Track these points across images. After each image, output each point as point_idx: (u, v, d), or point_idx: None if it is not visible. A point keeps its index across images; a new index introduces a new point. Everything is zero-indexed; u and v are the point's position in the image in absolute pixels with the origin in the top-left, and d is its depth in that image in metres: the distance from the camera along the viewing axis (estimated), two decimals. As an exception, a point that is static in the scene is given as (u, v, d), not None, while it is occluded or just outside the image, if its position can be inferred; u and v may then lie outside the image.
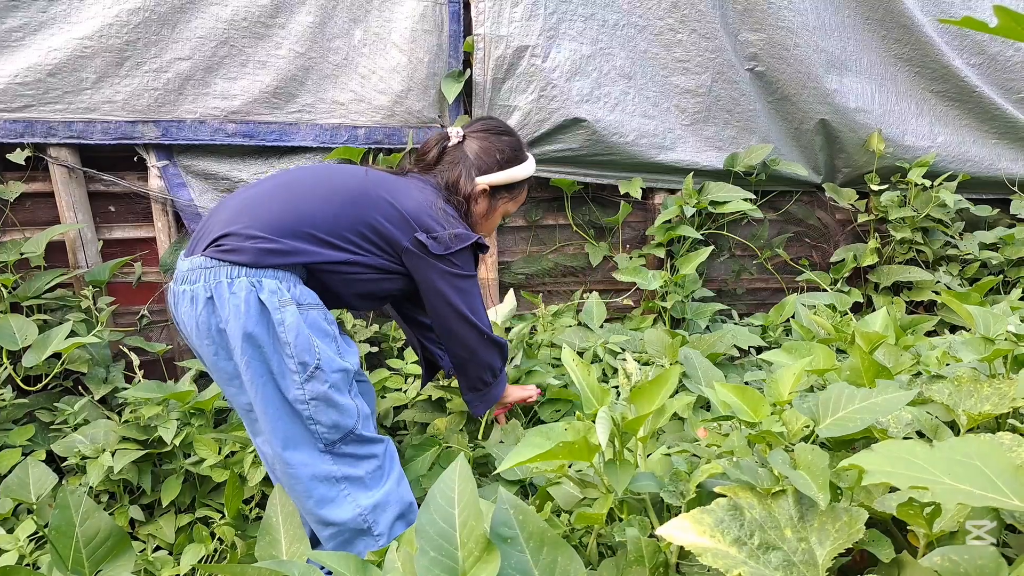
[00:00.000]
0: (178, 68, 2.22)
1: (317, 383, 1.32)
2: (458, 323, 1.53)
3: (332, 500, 1.36)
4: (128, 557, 1.23)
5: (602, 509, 1.19)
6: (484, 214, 1.64)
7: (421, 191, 1.52)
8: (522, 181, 1.66)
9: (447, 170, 1.58)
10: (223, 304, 1.29)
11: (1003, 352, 1.31)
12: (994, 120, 3.27)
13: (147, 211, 2.34)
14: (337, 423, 1.35)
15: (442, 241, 1.47)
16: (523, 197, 1.71)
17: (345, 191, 1.45)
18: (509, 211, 1.70)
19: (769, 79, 2.87)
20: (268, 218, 1.35)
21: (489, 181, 1.59)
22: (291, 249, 1.35)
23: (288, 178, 1.46)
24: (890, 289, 3.14)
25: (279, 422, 1.34)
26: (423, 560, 0.93)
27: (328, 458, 1.37)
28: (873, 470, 0.73)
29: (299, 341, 1.30)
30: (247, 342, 1.29)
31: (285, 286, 1.32)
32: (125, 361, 2.19)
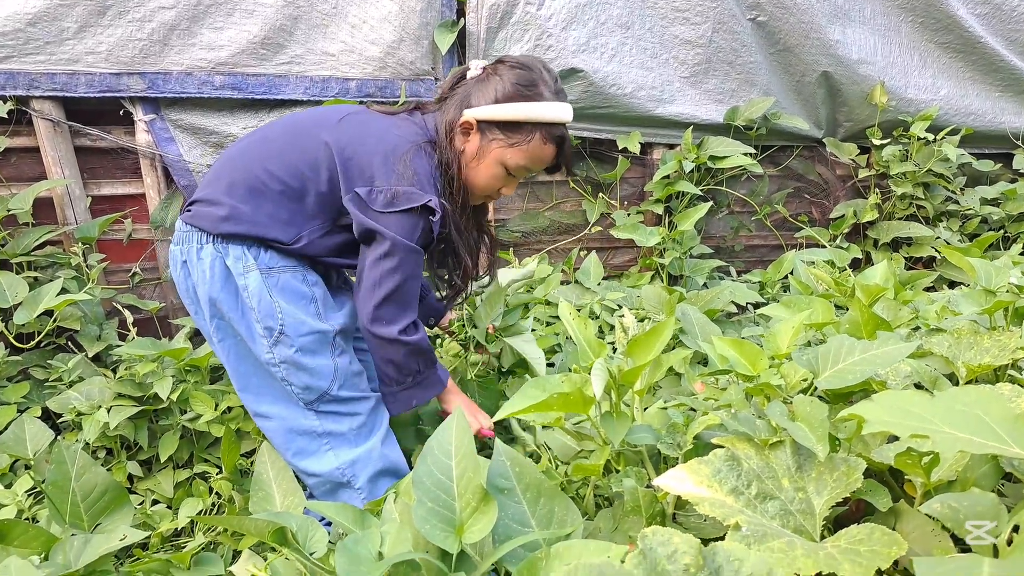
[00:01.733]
0: (162, 17, 2.15)
1: (283, 347, 1.31)
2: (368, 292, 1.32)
3: (313, 453, 1.37)
4: (126, 511, 1.24)
5: (599, 460, 1.19)
6: (474, 155, 1.39)
7: (394, 132, 1.34)
8: (524, 125, 1.35)
9: (449, 107, 1.39)
10: (193, 269, 1.32)
11: (1004, 304, 1.29)
12: (998, 72, 3.20)
13: (135, 167, 2.30)
14: (309, 385, 1.34)
15: (386, 195, 1.27)
16: (532, 150, 1.38)
17: (299, 144, 1.32)
18: (510, 163, 1.38)
19: (771, 29, 2.80)
20: (230, 181, 1.32)
21: (476, 114, 1.35)
22: (240, 216, 1.29)
23: (265, 132, 1.38)
24: (889, 245, 3.13)
25: (253, 378, 1.36)
26: (420, 510, 0.93)
27: (311, 414, 1.36)
28: (873, 420, 0.73)
29: (261, 307, 1.30)
30: (212, 307, 1.32)
31: (253, 252, 1.30)
32: (118, 319, 2.17)
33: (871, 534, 0.76)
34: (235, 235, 1.29)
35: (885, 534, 0.76)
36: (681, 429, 1.20)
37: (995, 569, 0.55)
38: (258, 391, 1.37)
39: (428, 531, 0.90)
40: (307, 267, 1.37)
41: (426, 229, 1.32)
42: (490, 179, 1.41)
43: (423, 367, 1.41)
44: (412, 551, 0.90)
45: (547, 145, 1.38)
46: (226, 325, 1.34)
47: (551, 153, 1.40)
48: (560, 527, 0.96)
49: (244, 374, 1.37)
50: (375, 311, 1.32)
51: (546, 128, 1.36)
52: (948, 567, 0.57)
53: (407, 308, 1.35)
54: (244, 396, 1.38)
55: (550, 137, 1.38)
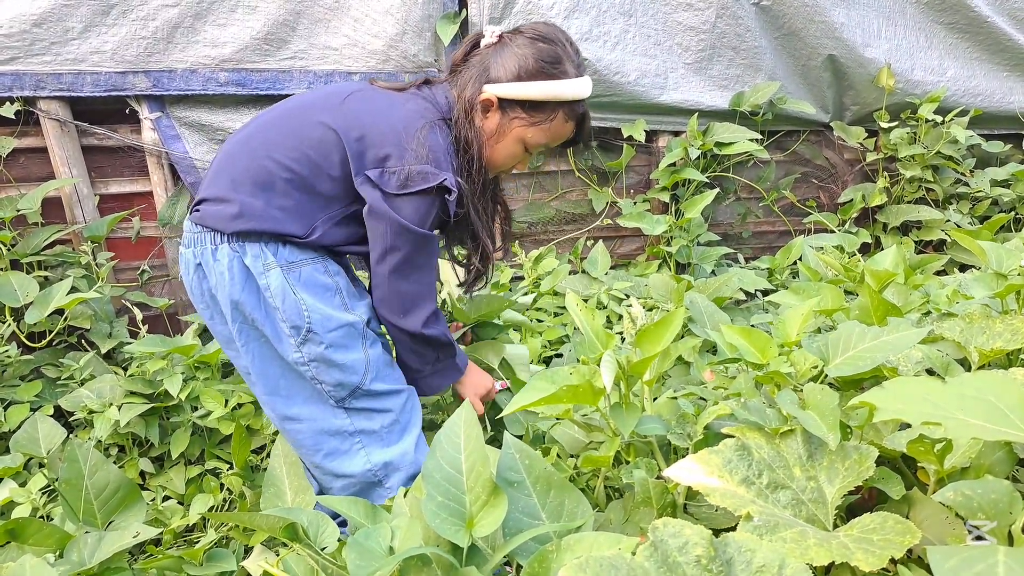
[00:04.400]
0: (166, 15, 2.15)
1: (312, 345, 1.25)
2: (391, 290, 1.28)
3: (345, 452, 1.32)
4: (139, 507, 1.25)
5: (609, 452, 1.19)
6: (493, 133, 1.33)
7: (406, 108, 1.27)
8: (547, 104, 1.31)
9: (464, 78, 1.32)
10: (210, 272, 1.25)
11: (1016, 287, 1.28)
12: (1005, 52, 3.16)
13: (142, 165, 2.30)
14: (341, 381, 1.29)
15: (399, 175, 1.21)
16: (554, 128, 1.35)
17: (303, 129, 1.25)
18: (531, 141, 1.34)
19: (775, 13, 2.77)
20: (233, 176, 1.25)
21: (497, 91, 1.29)
22: (252, 212, 1.22)
23: (264, 120, 1.30)
24: (899, 229, 3.10)
25: (282, 380, 1.30)
26: (430, 505, 0.93)
27: (341, 412, 1.31)
28: (885, 407, 0.72)
29: (286, 305, 1.24)
30: (236, 310, 1.25)
31: (271, 249, 1.23)
32: (128, 316, 2.18)
33: (884, 523, 0.76)
34: (250, 232, 1.22)
35: (898, 523, 0.75)
36: (691, 419, 1.20)
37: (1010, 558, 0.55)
38: (288, 393, 1.30)
39: (439, 525, 0.90)
40: (327, 257, 1.31)
41: (440, 210, 1.27)
42: (508, 157, 1.37)
43: (443, 356, 1.39)
44: (423, 545, 0.90)
45: (568, 123, 1.36)
46: (249, 328, 1.27)
47: (571, 130, 1.38)
48: (570, 519, 0.96)
49: (272, 376, 1.30)
50: (393, 303, 1.28)
51: (569, 106, 1.33)
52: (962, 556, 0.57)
53: (426, 298, 1.30)
54: (273, 400, 1.31)
55: (572, 114, 1.35)
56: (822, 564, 0.70)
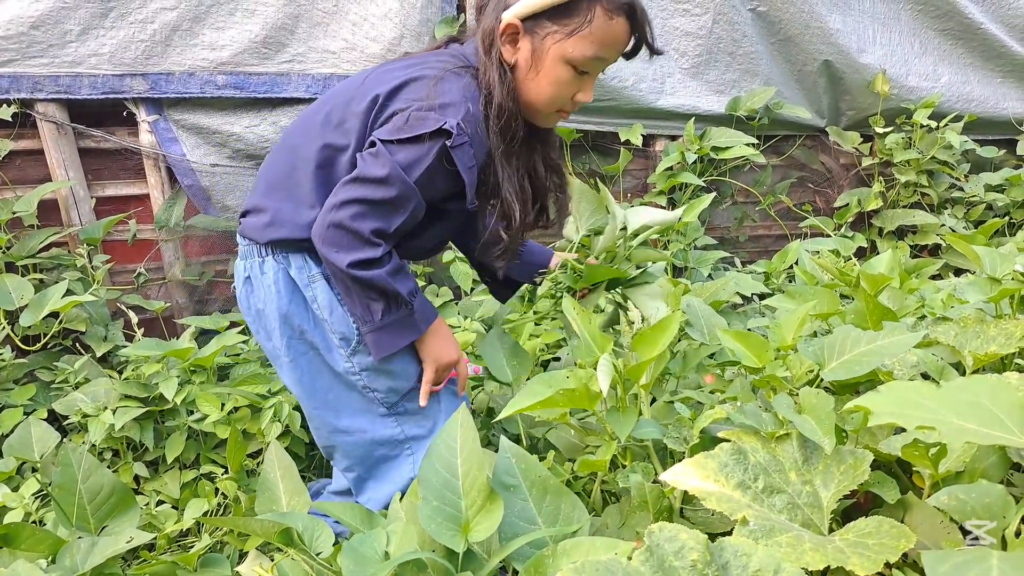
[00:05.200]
0: (164, 18, 2.15)
1: (363, 355, 1.22)
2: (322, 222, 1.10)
3: (394, 459, 1.30)
4: (133, 512, 1.24)
5: (605, 456, 1.19)
6: (529, 65, 1.14)
7: (422, 64, 1.16)
8: (578, 4, 1.09)
9: (484, 19, 1.17)
10: (258, 285, 1.23)
11: (1010, 292, 1.29)
12: (999, 58, 3.18)
13: (139, 167, 2.30)
14: (392, 387, 1.25)
15: (402, 116, 1.09)
16: (597, 31, 1.11)
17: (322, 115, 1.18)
18: (575, 56, 1.12)
19: (771, 19, 2.79)
20: (266, 183, 1.22)
21: (517, 12, 1.11)
22: (286, 220, 1.17)
23: (296, 121, 1.26)
24: (894, 233, 3.11)
25: (330, 393, 1.26)
26: (426, 509, 0.93)
27: (391, 420, 1.28)
28: (879, 411, 0.72)
29: (335, 317, 1.20)
30: (285, 323, 1.22)
31: (313, 258, 1.19)
32: (124, 320, 2.18)
33: (879, 527, 0.76)
34: (286, 241, 1.18)
35: (893, 527, 0.75)
36: (687, 423, 1.20)
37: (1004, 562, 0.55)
38: (337, 406, 1.27)
39: (434, 530, 0.90)
40: None
41: (432, 166, 1.09)
42: (557, 85, 1.15)
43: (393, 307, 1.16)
44: (418, 550, 0.90)
45: (614, 19, 1.11)
46: (298, 341, 1.24)
47: (622, 28, 1.13)
48: (566, 524, 0.96)
49: (322, 390, 1.26)
50: (332, 236, 1.09)
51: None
52: (956, 560, 0.57)
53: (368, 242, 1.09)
54: (323, 413, 1.28)
55: (615, 8, 1.10)
56: (818, 568, 0.70)
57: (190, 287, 2.42)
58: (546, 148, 1.31)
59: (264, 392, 1.67)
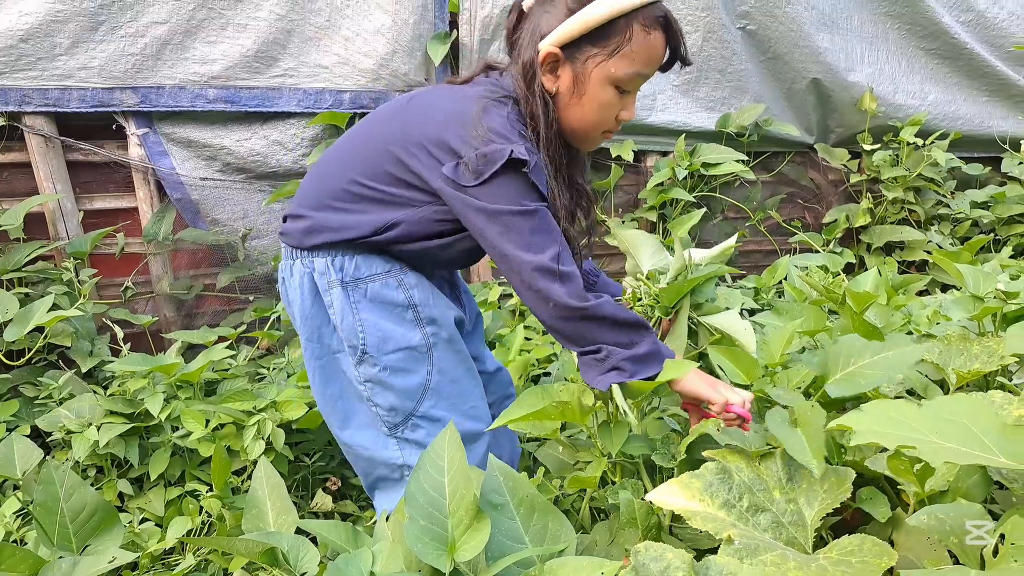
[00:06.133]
0: (155, 32, 2.15)
1: (367, 367, 1.23)
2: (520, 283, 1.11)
3: (395, 482, 1.29)
4: (116, 531, 1.22)
5: (595, 472, 1.19)
6: (571, 90, 1.15)
7: (463, 98, 1.17)
8: (615, 23, 1.10)
9: (519, 49, 1.18)
10: (289, 288, 1.28)
11: (992, 310, 1.30)
12: (984, 77, 3.23)
13: (128, 180, 2.29)
14: (394, 406, 1.24)
15: (470, 166, 1.09)
16: (637, 47, 1.11)
17: (369, 134, 1.22)
18: (619, 75, 1.13)
19: (761, 38, 2.82)
20: (307, 191, 1.26)
21: (555, 40, 1.12)
22: (320, 226, 1.21)
23: (342, 139, 1.29)
24: (882, 249, 3.13)
25: (339, 401, 1.29)
26: (412, 529, 0.92)
27: (393, 443, 1.27)
28: (862, 430, 0.73)
29: (345, 323, 1.22)
30: (305, 325, 1.26)
31: (336, 264, 1.21)
32: (110, 334, 2.16)
33: (862, 545, 0.76)
34: (321, 245, 1.22)
35: (876, 544, 0.75)
36: (676, 440, 1.20)
37: (985, 582, 0.55)
38: (344, 415, 1.29)
39: (420, 549, 0.89)
40: (404, 269, 1.24)
41: (530, 185, 1.11)
42: (602, 107, 1.16)
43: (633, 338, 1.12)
44: (404, 571, 0.90)
45: (652, 33, 1.12)
46: (315, 344, 1.27)
47: (660, 42, 1.13)
48: (554, 543, 0.95)
49: (331, 397, 1.29)
50: (526, 295, 1.11)
51: (640, 13, 1.10)
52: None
53: (563, 273, 1.10)
54: (329, 420, 1.31)
55: (650, 23, 1.11)
56: (803, 588, 0.70)
57: (178, 301, 2.41)
58: (574, 170, 1.33)
59: (250, 409, 1.65)
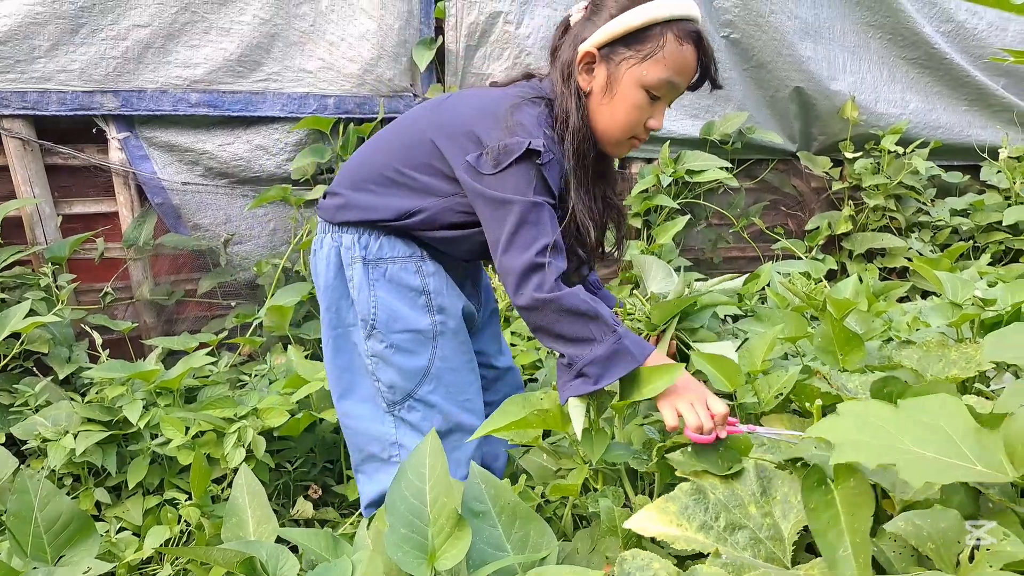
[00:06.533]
0: (137, 35, 2.13)
1: (375, 342, 1.30)
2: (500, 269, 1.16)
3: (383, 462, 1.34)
4: (92, 541, 1.20)
5: (577, 480, 1.19)
6: (604, 90, 1.21)
7: (499, 95, 1.24)
8: (650, 29, 1.16)
9: (562, 55, 1.26)
10: (319, 258, 1.35)
11: (970, 317, 1.31)
12: (964, 87, 3.28)
13: (108, 185, 2.26)
14: (394, 384, 1.30)
15: (491, 155, 1.16)
16: (669, 55, 1.17)
17: (407, 122, 1.31)
18: (650, 80, 1.18)
19: (744, 46, 2.84)
20: (347, 172, 1.35)
21: (594, 41, 1.19)
22: (353, 204, 1.30)
23: (389, 126, 1.36)
24: (864, 256, 3.17)
25: (345, 373, 1.36)
26: (393, 537, 0.91)
27: (389, 419, 1.33)
28: (840, 440, 0.72)
29: (360, 298, 1.30)
30: (326, 294, 1.34)
31: (363, 241, 1.30)
32: (88, 340, 2.13)
33: (843, 556, 0.76)
34: (350, 223, 1.30)
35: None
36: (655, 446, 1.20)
37: (961, 590, 0.55)
38: (348, 386, 1.36)
39: (400, 558, 0.88)
40: (425, 256, 1.31)
41: (541, 178, 1.17)
42: (631, 109, 1.21)
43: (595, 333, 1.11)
44: (384, 579, 0.89)
45: (684, 45, 1.18)
46: (332, 315, 1.35)
47: (691, 55, 1.19)
48: (535, 551, 0.95)
49: (339, 367, 1.36)
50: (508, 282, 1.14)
51: (676, 24, 1.17)
52: (915, 588, 0.57)
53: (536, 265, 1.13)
54: (333, 389, 1.39)
55: (684, 35, 1.17)
56: (783, 598, 0.70)
57: (158, 307, 2.38)
58: (605, 184, 1.38)
59: (231, 416, 1.63)
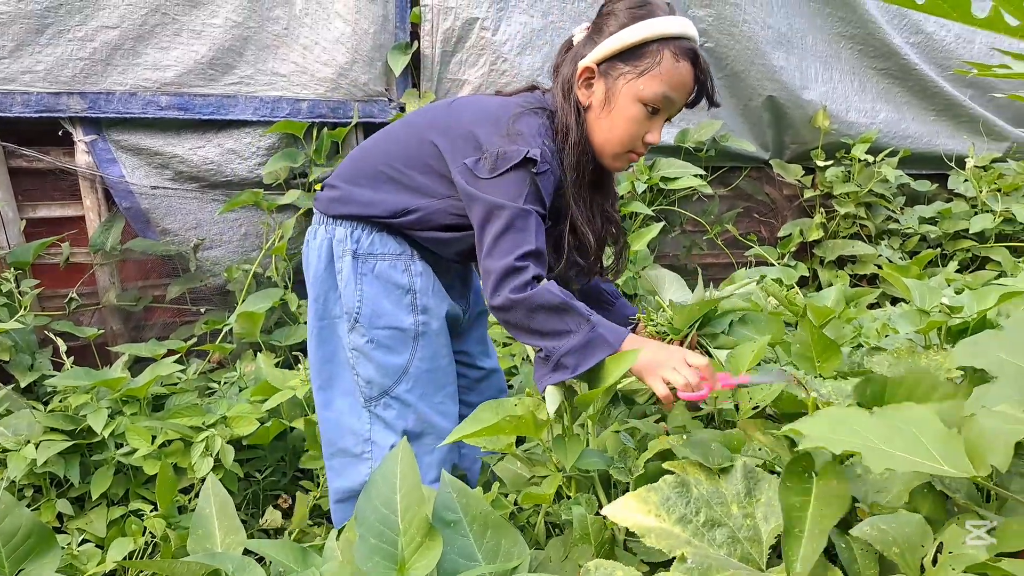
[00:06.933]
0: (105, 37, 2.09)
1: (356, 335, 1.31)
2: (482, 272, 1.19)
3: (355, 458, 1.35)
4: (53, 555, 1.16)
5: (550, 488, 1.18)
6: (603, 104, 1.24)
7: (501, 103, 1.28)
8: (648, 45, 1.20)
9: (563, 70, 1.30)
10: (311, 248, 1.36)
11: (937, 324, 1.33)
12: (933, 98, 3.35)
13: (75, 188, 2.21)
14: (372, 379, 1.31)
15: (489, 160, 1.19)
16: (666, 71, 1.20)
17: (411, 122, 1.35)
18: (647, 94, 1.21)
19: (718, 55, 2.87)
20: (346, 167, 1.37)
21: (593, 57, 1.24)
22: (349, 198, 1.32)
23: (390, 126, 1.40)
24: (835, 263, 3.21)
25: (327, 365, 1.36)
26: (363, 548, 0.90)
27: (365, 415, 1.34)
28: (811, 435, 0.73)
29: (347, 291, 1.31)
30: (315, 285, 1.35)
31: (355, 236, 1.31)
32: (52, 347, 2.08)
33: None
34: (344, 216, 1.32)
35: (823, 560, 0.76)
36: (633, 454, 1.19)
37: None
38: (328, 377, 1.37)
39: (370, 569, 0.87)
40: (414, 256, 1.34)
41: (534, 187, 1.19)
42: (629, 123, 1.24)
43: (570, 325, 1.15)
44: (353, 591, 0.87)
45: (681, 62, 1.21)
46: (319, 306, 1.35)
47: (688, 72, 1.23)
48: (507, 560, 0.93)
49: (321, 358, 1.37)
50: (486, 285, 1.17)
51: (673, 42, 1.21)
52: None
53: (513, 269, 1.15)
54: (314, 380, 1.39)
55: (681, 52, 1.21)
56: (754, 605, 0.70)
57: (126, 313, 2.33)
58: (604, 199, 1.41)
59: (199, 424, 1.60)
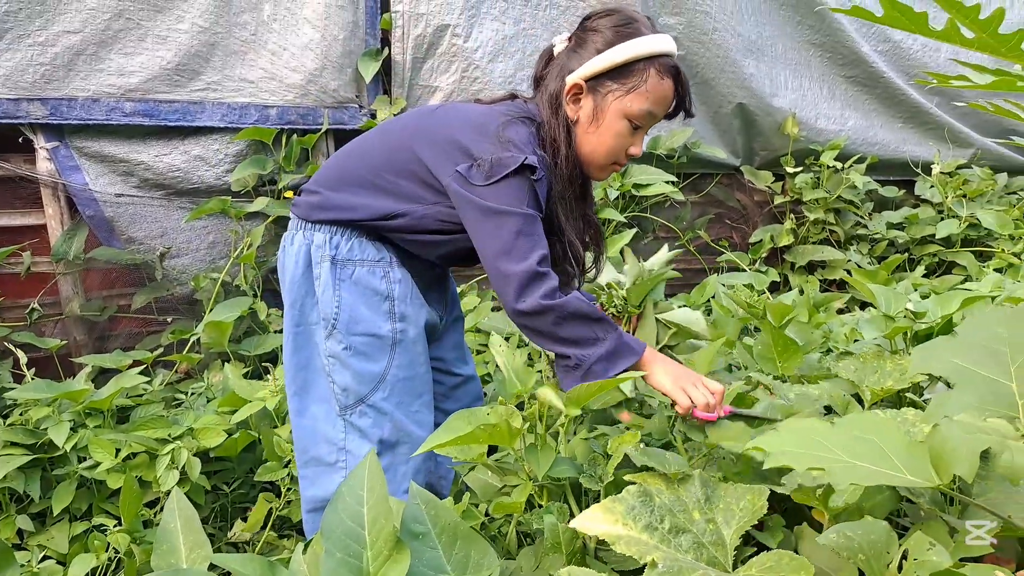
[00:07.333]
0: (67, 42, 2.05)
1: (333, 342, 1.30)
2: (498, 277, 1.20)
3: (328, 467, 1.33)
4: (12, 572, 1.14)
5: (521, 497, 1.17)
6: (591, 119, 1.28)
7: (487, 111, 1.30)
8: (635, 64, 1.25)
9: (549, 83, 1.32)
10: (287, 254, 1.35)
11: (902, 329, 1.35)
12: (900, 105, 3.42)
13: (36, 196, 2.16)
14: (348, 387, 1.30)
15: (483, 167, 1.20)
16: (652, 88, 1.25)
17: (393, 129, 1.34)
18: (632, 110, 1.26)
19: (689, 63, 2.91)
20: (325, 171, 1.36)
21: (582, 74, 1.27)
22: (330, 203, 1.31)
23: (372, 131, 1.39)
24: (805, 268, 3.26)
25: (302, 372, 1.35)
26: (329, 562, 0.88)
27: (340, 424, 1.32)
28: (776, 451, 0.74)
29: (324, 297, 1.30)
30: (291, 291, 1.34)
31: (334, 241, 1.31)
32: (12, 359, 2.02)
33: (779, 560, 0.77)
34: (324, 221, 1.31)
35: (793, 559, 0.76)
36: (602, 462, 1.19)
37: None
38: (303, 383, 1.36)
39: (335, 584, 0.85)
40: (394, 263, 1.33)
41: (533, 194, 1.22)
42: (615, 137, 1.29)
43: (599, 333, 1.20)
44: (318, 606, 0.85)
45: (664, 79, 1.27)
46: (295, 312, 1.34)
47: (670, 88, 1.28)
48: (477, 571, 0.93)
49: (296, 364, 1.35)
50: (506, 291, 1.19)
51: (658, 60, 1.26)
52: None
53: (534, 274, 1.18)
54: (288, 387, 1.37)
55: (664, 70, 1.27)
56: (721, 611, 0.70)
57: (89, 323, 2.28)
58: (585, 204, 1.45)
59: (165, 436, 1.56)
